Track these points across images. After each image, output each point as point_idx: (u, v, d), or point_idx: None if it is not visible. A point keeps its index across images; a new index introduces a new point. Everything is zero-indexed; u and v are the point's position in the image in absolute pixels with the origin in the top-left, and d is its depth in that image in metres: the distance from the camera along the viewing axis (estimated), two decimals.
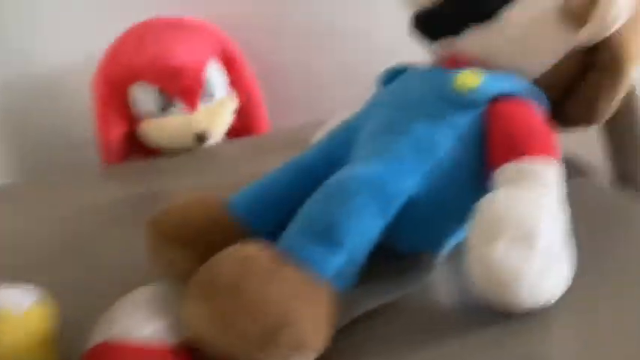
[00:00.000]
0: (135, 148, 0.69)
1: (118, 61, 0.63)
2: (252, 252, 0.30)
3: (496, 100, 0.35)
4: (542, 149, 0.32)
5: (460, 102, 0.34)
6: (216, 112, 0.65)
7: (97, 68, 0.65)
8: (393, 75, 0.41)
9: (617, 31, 0.36)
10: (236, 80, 0.68)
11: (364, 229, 0.31)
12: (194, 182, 0.59)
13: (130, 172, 0.64)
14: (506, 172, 0.32)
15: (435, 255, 0.36)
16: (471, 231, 0.30)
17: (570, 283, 0.31)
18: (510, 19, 0.36)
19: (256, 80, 0.70)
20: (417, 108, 0.36)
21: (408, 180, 0.32)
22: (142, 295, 0.31)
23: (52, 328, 0.31)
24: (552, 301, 0.30)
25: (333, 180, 0.33)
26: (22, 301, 0.31)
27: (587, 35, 0.35)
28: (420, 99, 0.36)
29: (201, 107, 0.65)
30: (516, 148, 0.32)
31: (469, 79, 0.35)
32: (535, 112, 0.35)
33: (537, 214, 0.29)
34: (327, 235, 0.30)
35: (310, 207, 0.32)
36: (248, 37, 0.72)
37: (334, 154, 0.38)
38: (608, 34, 0.35)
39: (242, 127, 0.71)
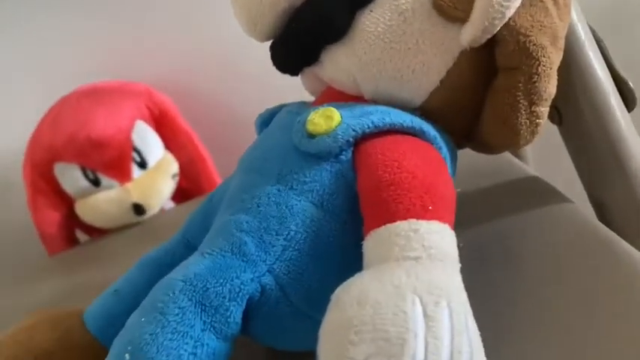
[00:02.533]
0: (81, 229, 0.64)
1: (38, 144, 0.58)
2: None
3: (363, 140, 0.26)
4: (420, 199, 0.23)
5: (314, 153, 0.26)
6: (152, 179, 0.59)
7: (24, 156, 0.60)
8: (268, 119, 0.33)
9: (512, 17, 0.26)
10: (172, 140, 0.62)
11: (190, 352, 0.23)
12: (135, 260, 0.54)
13: (70, 260, 0.59)
14: (371, 242, 0.23)
15: None
16: (320, 339, 0.21)
17: None
18: (368, 27, 0.27)
19: (194, 133, 0.63)
20: (267, 168, 0.27)
21: (245, 271, 0.24)
22: None
23: None
24: None
25: (153, 292, 0.25)
26: None
27: (470, 35, 0.26)
28: (272, 154, 0.28)
29: (135, 176, 0.58)
30: (383, 205, 0.23)
31: (322, 121, 0.26)
32: (414, 148, 0.25)
33: (405, 307, 0.20)
34: None
35: (128, 327, 0.24)
36: (180, 88, 0.66)
37: (191, 239, 0.31)
38: (497, 28, 0.26)
39: (191, 187, 0.64)
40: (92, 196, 0.58)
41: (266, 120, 0.33)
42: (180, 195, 0.64)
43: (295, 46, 0.29)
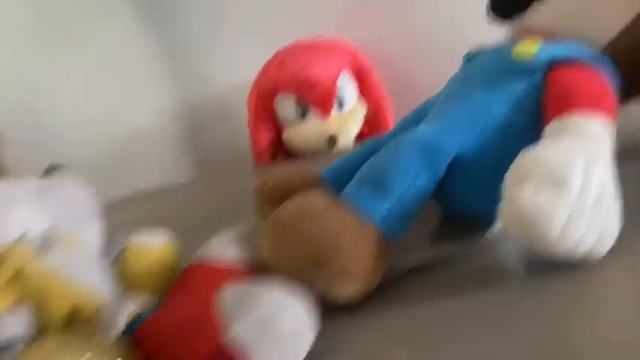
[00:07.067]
0: (281, 152, 0.80)
1: (265, 78, 0.75)
2: (312, 198, 0.36)
3: (555, 66, 0.36)
4: (591, 105, 0.33)
5: (517, 69, 0.37)
6: (346, 119, 0.73)
7: (251, 87, 0.77)
8: (474, 56, 0.44)
9: None
10: (365, 90, 0.75)
11: (412, 179, 0.35)
12: None
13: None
14: (550, 127, 0.33)
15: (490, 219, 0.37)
16: (505, 178, 0.32)
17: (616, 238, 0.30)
18: None
19: (384, 91, 0.76)
20: (478, 78, 0.38)
21: (455, 138, 0.35)
22: (232, 231, 0.38)
23: (176, 261, 0.40)
24: (597, 256, 0.30)
25: (392, 141, 0.37)
26: (156, 239, 0.41)
27: None
28: (483, 70, 0.39)
29: (334, 114, 0.73)
30: (564, 105, 0.33)
31: (526, 48, 0.37)
32: (594, 75, 0.35)
33: (570, 161, 0.30)
34: (377, 183, 0.35)
35: (369, 163, 0.37)
36: (381, 51, 0.79)
37: (408, 128, 0.43)
38: None
39: (370, 132, 0.77)
40: (299, 125, 0.73)
41: (472, 57, 0.44)
42: (360, 139, 0.78)
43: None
